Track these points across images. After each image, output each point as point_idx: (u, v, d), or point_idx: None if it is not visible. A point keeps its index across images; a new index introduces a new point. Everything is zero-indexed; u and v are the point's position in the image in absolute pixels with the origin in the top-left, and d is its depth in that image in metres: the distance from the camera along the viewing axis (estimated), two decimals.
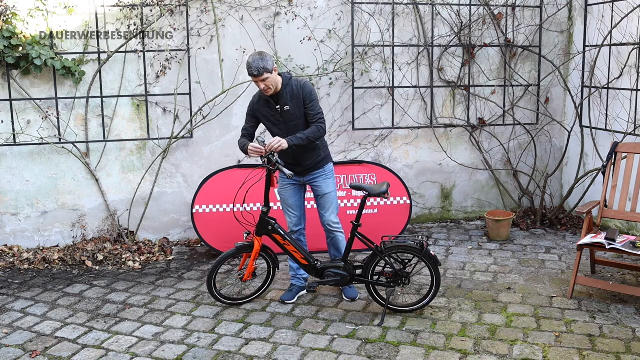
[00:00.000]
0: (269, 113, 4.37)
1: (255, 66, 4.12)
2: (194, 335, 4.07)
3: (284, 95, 4.30)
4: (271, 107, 4.34)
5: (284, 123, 4.35)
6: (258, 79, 4.17)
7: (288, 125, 4.34)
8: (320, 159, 4.47)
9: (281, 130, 4.35)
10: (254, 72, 4.13)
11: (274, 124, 4.39)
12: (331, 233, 4.57)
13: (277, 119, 4.35)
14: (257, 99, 4.42)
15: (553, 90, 6.52)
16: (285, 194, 4.55)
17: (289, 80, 4.33)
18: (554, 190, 6.65)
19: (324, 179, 4.49)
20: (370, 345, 3.88)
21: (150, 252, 5.69)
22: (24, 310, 4.52)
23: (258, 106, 4.40)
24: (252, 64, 4.13)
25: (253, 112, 4.45)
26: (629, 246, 4.28)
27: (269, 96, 4.31)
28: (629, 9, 5.48)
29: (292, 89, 4.30)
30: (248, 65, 4.16)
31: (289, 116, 4.32)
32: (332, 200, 4.52)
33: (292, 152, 4.33)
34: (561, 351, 3.75)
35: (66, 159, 5.72)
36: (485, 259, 5.43)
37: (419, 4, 6.11)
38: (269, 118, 4.39)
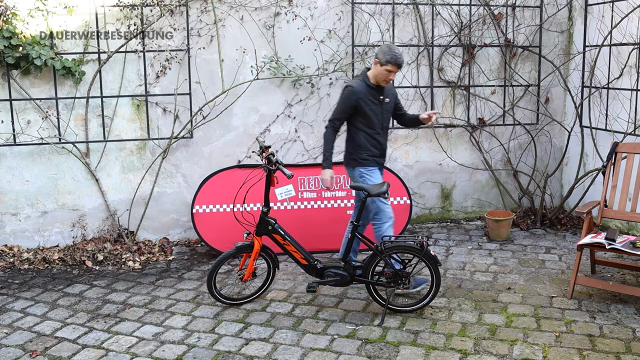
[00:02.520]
0: (373, 103, 4.52)
1: (402, 59, 4.38)
2: (194, 335, 4.07)
3: (385, 89, 4.55)
4: (376, 97, 4.52)
5: (382, 114, 4.57)
6: (396, 70, 4.39)
7: (385, 117, 4.60)
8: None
9: (379, 121, 4.57)
10: (401, 62, 4.38)
11: (375, 114, 4.54)
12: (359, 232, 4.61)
13: (379, 109, 4.54)
14: (363, 88, 4.49)
15: (553, 90, 6.52)
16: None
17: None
18: (554, 190, 6.65)
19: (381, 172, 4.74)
20: (370, 345, 3.88)
21: (150, 252, 5.69)
22: (24, 310, 4.52)
23: (364, 95, 4.48)
24: (400, 56, 4.37)
25: (356, 102, 4.47)
26: (629, 246, 4.28)
27: (373, 86, 4.48)
28: (629, 9, 5.48)
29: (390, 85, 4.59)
30: (397, 56, 4.35)
31: (387, 108, 4.60)
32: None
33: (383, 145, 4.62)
34: (561, 351, 3.75)
35: (66, 159, 5.72)
36: (485, 259, 5.43)
37: (419, 4, 6.11)
38: (373, 108, 4.52)
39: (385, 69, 4.38)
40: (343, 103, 4.52)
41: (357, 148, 4.59)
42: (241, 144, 6.02)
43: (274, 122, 6.04)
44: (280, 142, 6.08)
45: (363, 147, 4.57)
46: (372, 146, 4.58)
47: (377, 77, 4.47)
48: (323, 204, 5.70)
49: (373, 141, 4.57)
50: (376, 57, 4.43)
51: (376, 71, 4.44)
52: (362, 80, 4.51)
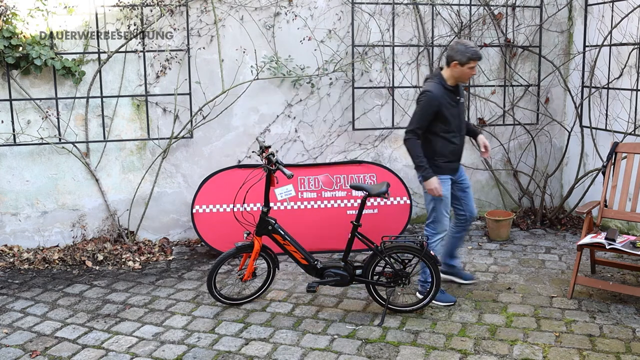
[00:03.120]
0: (451, 106, 4.32)
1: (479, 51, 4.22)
2: (194, 335, 4.07)
3: (458, 88, 4.37)
4: (453, 99, 4.33)
5: (459, 115, 4.40)
6: (475, 65, 4.25)
7: (462, 118, 4.44)
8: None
9: (457, 124, 4.38)
10: (480, 57, 4.24)
11: (454, 116, 4.34)
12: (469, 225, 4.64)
13: (456, 111, 4.36)
14: (439, 91, 4.28)
15: (553, 90, 6.52)
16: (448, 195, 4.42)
17: None
18: (554, 190, 6.65)
19: (463, 171, 4.61)
20: (370, 345, 3.88)
21: (150, 252, 5.69)
22: (24, 310, 4.52)
23: (443, 99, 4.28)
24: (477, 49, 4.22)
25: (438, 107, 4.25)
26: (629, 246, 4.28)
27: (451, 88, 4.33)
28: (629, 9, 5.48)
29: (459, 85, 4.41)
30: (476, 50, 4.21)
31: (463, 108, 4.45)
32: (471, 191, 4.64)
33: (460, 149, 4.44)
34: (561, 351, 3.75)
35: (66, 159, 5.72)
36: (485, 259, 5.43)
37: (419, 4, 6.11)
38: (451, 111, 4.32)
39: (468, 67, 4.22)
40: (423, 110, 4.26)
41: (433, 154, 4.35)
42: (241, 144, 6.02)
43: (274, 122, 6.05)
44: (280, 142, 6.08)
45: (439, 154, 4.35)
46: (449, 152, 4.37)
47: (459, 77, 4.29)
48: (323, 204, 5.71)
49: (451, 146, 4.36)
50: (452, 60, 4.23)
51: (457, 72, 4.26)
52: (439, 82, 4.30)
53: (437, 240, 4.44)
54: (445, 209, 4.40)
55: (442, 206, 4.39)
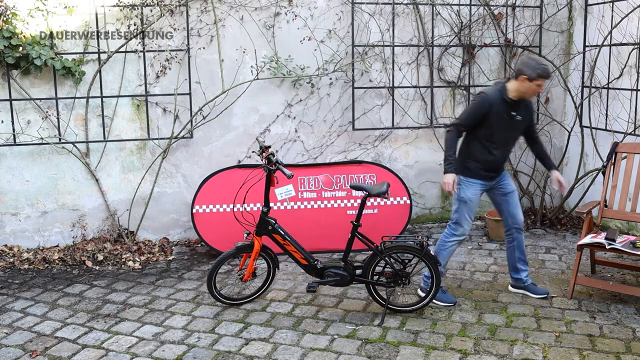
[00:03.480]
0: (503, 117, 4.24)
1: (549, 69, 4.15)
2: (194, 335, 4.07)
3: (520, 105, 4.27)
4: (508, 112, 4.24)
5: (509, 131, 4.32)
6: (544, 83, 4.16)
7: (511, 134, 4.35)
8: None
9: (502, 137, 4.30)
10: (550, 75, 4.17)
11: (500, 128, 4.27)
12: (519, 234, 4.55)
13: (507, 125, 4.27)
14: (495, 98, 4.22)
15: (553, 90, 6.52)
16: (474, 200, 4.40)
17: None
18: (554, 190, 6.64)
19: (508, 178, 4.52)
20: (370, 345, 3.88)
21: (150, 252, 5.69)
22: (24, 310, 4.52)
23: (496, 107, 4.21)
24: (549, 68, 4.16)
25: (487, 111, 4.21)
26: (629, 246, 4.28)
27: (510, 101, 4.22)
28: (629, 9, 5.48)
29: (525, 102, 4.28)
30: (547, 68, 4.14)
31: (517, 126, 4.32)
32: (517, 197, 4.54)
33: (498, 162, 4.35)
34: (561, 351, 3.75)
35: (66, 159, 5.72)
36: (485, 259, 5.43)
37: (419, 4, 6.11)
38: (500, 122, 4.25)
39: (536, 84, 4.13)
40: (473, 110, 4.26)
41: (468, 156, 4.35)
42: (241, 144, 6.02)
43: (274, 122, 6.05)
44: (280, 142, 6.08)
45: (473, 158, 4.33)
46: (485, 161, 4.32)
47: (524, 92, 4.20)
48: (323, 204, 5.71)
49: (489, 156, 4.31)
50: (521, 73, 4.13)
51: (523, 87, 4.17)
52: (499, 90, 4.24)
53: (452, 242, 4.44)
54: (468, 212, 4.39)
55: (465, 209, 4.38)
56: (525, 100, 4.31)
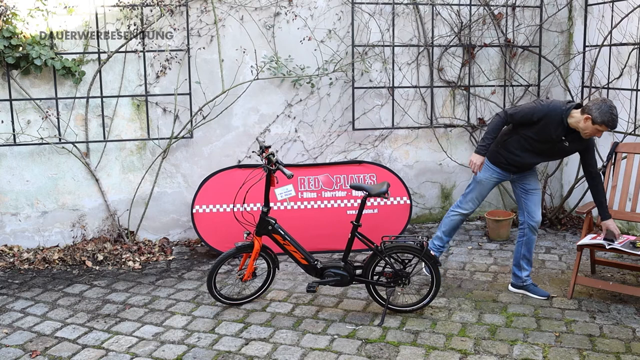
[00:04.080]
0: (549, 134, 4.23)
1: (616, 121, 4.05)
2: (194, 335, 4.07)
3: (573, 135, 4.22)
4: (558, 134, 4.22)
5: (550, 149, 4.32)
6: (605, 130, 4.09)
7: (553, 151, 4.35)
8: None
9: (541, 149, 4.34)
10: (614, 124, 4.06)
11: (542, 142, 4.29)
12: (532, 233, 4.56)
13: (552, 144, 4.27)
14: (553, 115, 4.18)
15: (553, 90, 6.52)
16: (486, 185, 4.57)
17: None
18: (554, 190, 6.65)
19: (534, 176, 4.55)
20: (370, 345, 3.88)
21: (150, 252, 5.69)
22: (24, 310, 4.52)
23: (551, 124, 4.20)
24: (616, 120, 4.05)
25: (540, 120, 4.22)
26: (628, 246, 4.28)
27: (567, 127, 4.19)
28: (629, 9, 5.48)
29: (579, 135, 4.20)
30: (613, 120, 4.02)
31: (561, 148, 4.30)
32: (539, 195, 4.56)
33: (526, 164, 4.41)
34: (561, 351, 3.75)
35: (66, 159, 5.72)
36: (485, 259, 5.43)
37: (419, 4, 6.11)
38: (547, 137, 4.25)
39: (596, 128, 4.05)
40: (530, 111, 4.27)
41: (502, 144, 4.45)
42: (241, 144, 6.02)
43: (274, 122, 6.05)
44: (280, 142, 6.08)
45: (504, 147, 4.44)
46: (512, 155, 4.42)
47: (583, 129, 4.13)
48: (323, 204, 5.71)
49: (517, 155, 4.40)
50: (589, 112, 4.05)
51: (584, 125, 4.10)
52: (561, 111, 4.18)
53: (455, 213, 4.71)
54: (477, 194, 4.62)
55: (476, 189, 4.62)
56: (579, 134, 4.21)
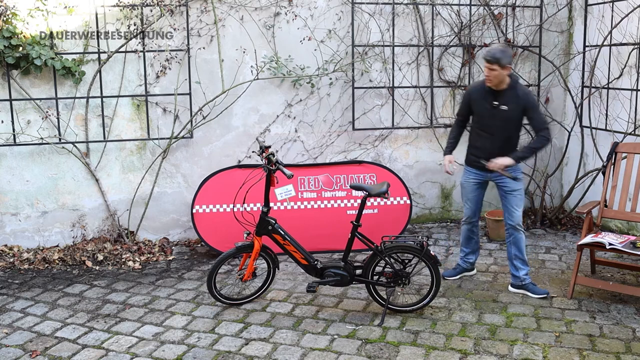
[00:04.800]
0: (482, 105, 4.52)
1: (493, 53, 4.30)
2: (194, 335, 4.07)
3: (506, 95, 4.42)
4: (488, 101, 4.48)
5: (494, 119, 4.49)
6: (487, 65, 4.34)
7: (498, 123, 4.49)
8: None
9: (487, 124, 4.53)
10: (487, 57, 4.32)
11: (483, 116, 4.55)
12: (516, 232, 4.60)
13: (490, 113, 4.48)
14: (476, 87, 4.59)
15: (553, 90, 6.52)
16: (467, 187, 4.77)
17: (515, 84, 4.44)
18: (554, 190, 6.65)
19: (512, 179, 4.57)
20: (370, 345, 3.88)
21: (150, 252, 5.69)
22: (24, 310, 4.52)
23: (474, 95, 4.57)
24: (491, 49, 4.36)
25: (467, 98, 4.65)
26: (629, 246, 4.28)
27: (490, 90, 4.45)
28: (629, 9, 5.48)
29: (516, 92, 4.41)
30: (488, 49, 4.40)
31: (503, 115, 4.45)
32: (519, 196, 4.58)
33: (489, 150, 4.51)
34: (561, 351, 3.75)
35: (66, 159, 5.72)
36: (485, 259, 5.43)
37: (419, 4, 6.11)
38: (481, 110, 4.55)
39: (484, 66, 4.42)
40: (463, 98, 4.74)
41: (468, 145, 4.73)
42: (241, 144, 6.02)
43: (274, 122, 6.05)
44: (280, 142, 6.08)
45: (469, 144, 4.72)
46: (474, 145, 4.64)
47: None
48: (323, 204, 5.71)
49: (477, 142, 4.62)
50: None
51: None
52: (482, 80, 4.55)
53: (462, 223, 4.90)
54: (464, 198, 4.82)
55: (462, 194, 4.83)
56: (518, 95, 4.42)
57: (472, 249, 4.94)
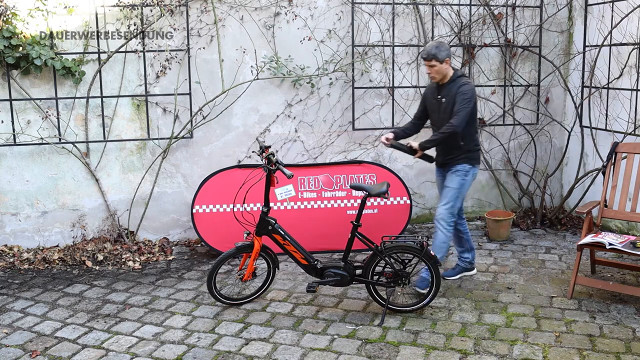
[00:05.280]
0: (431, 101, 4.68)
1: (428, 50, 4.43)
2: (194, 335, 4.07)
3: (446, 88, 4.54)
4: (434, 95, 4.63)
5: (439, 113, 4.61)
6: (426, 63, 4.47)
7: (441, 116, 4.58)
8: (457, 158, 4.60)
9: (435, 119, 4.68)
10: (423, 55, 4.47)
11: (432, 111, 4.70)
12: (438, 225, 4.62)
13: (436, 107, 4.62)
14: (429, 86, 4.73)
15: (553, 90, 6.52)
16: (438, 186, 4.89)
17: (457, 77, 4.52)
18: (554, 190, 6.65)
19: (451, 173, 4.63)
20: (370, 345, 3.88)
21: (150, 252, 5.69)
22: (24, 310, 4.52)
23: (428, 91, 4.74)
24: (426, 48, 4.46)
25: (423, 96, 4.81)
26: (629, 246, 4.28)
27: (437, 86, 4.58)
28: (629, 9, 5.48)
29: (454, 85, 4.50)
30: (423, 48, 4.55)
31: (443, 108, 4.56)
32: (447, 194, 4.59)
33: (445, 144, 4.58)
34: (561, 351, 3.75)
35: (66, 159, 5.72)
36: (485, 259, 5.43)
37: (419, 4, 6.11)
38: (431, 105, 4.69)
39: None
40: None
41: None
42: (241, 144, 6.02)
43: (274, 122, 6.05)
44: (280, 142, 6.08)
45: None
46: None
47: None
48: (323, 204, 5.71)
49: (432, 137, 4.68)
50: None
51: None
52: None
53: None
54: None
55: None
56: (454, 87, 4.49)
57: (465, 247, 4.94)
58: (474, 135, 4.65)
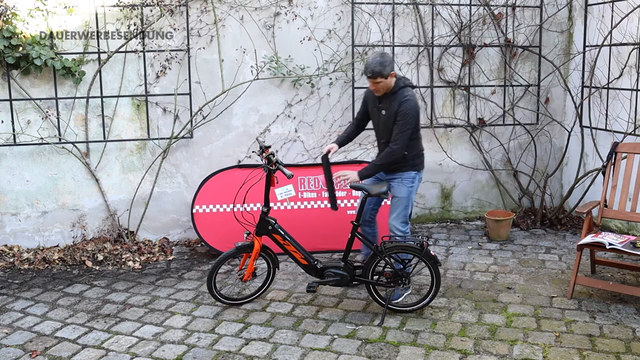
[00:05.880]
0: (372, 107, 4.51)
1: (371, 69, 4.16)
2: (194, 335, 4.07)
3: (387, 100, 4.34)
4: (375, 103, 4.46)
5: (379, 122, 4.46)
6: (370, 81, 4.22)
7: (381, 127, 4.44)
8: (402, 166, 4.42)
9: (375, 124, 4.52)
10: (368, 74, 4.19)
11: (373, 116, 4.54)
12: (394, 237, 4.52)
13: (377, 116, 4.46)
14: (370, 91, 4.50)
15: (553, 90, 6.52)
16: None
17: (400, 88, 4.29)
18: (554, 190, 6.65)
19: (398, 182, 4.46)
20: (370, 345, 3.88)
21: (150, 252, 5.69)
22: (24, 310, 4.52)
23: (369, 95, 4.54)
24: (369, 66, 4.17)
25: (365, 99, 4.60)
26: (629, 246, 4.28)
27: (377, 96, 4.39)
28: (629, 9, 5.48)
29: (395, 98, 4.28)
30: (366, 64, 4.19)
31: (383, 120, 4.39)
32: (399, 205, 4.46)
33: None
34: (561, 351, 3.75)
35: (66, 159, 5.72)
36: (485, 259, 5.43)
37: (419, 4, 6.11)
38: (372, 111, 4.53)
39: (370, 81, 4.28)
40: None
41: None
42: (241, 144, 6.02)
43: (274, 122, 6.05)
44: (280, 142, 6.08)
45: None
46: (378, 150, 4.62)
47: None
48: (323, 204, 5.70)
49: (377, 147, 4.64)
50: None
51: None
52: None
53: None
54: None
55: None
56: (395, 101, 4.27)
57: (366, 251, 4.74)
58: (417, 143, 4.46)
